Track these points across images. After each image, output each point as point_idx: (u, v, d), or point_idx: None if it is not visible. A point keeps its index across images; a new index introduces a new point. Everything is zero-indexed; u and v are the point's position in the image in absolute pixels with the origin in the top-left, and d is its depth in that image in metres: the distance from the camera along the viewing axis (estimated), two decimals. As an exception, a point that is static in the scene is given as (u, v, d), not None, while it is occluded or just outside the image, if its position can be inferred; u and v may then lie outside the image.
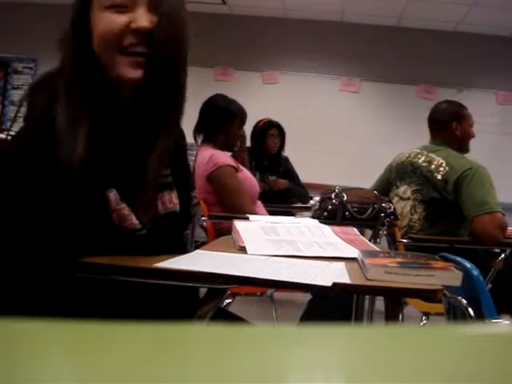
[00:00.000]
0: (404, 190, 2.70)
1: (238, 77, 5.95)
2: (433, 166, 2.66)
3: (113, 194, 1.03)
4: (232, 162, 2.64)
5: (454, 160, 2.61)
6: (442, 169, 2.61)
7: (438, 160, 2.67)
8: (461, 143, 2.75)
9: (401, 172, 2.78)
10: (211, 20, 5.71)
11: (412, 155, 2.77)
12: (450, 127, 2.74)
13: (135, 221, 1.05)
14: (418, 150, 2.77)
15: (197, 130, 2.76)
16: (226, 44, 5.87)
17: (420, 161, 2.73)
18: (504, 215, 2.47)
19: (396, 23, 5.79)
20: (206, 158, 2.62)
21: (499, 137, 5.76)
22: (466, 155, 2.74)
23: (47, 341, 0.24)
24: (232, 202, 2.57)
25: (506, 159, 5.69)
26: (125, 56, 1.00)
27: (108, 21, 0.99)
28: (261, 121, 3.90)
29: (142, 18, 0.99)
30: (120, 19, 0.99)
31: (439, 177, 2.60)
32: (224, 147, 2.76)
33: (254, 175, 3.47)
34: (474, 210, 2.45)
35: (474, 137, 2.82)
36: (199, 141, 2.76)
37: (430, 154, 2.72)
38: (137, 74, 1.00)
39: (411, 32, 5.81)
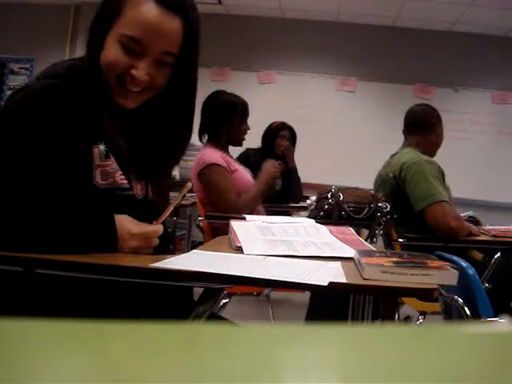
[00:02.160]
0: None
1: (235, 77, 5.94)
2: (389, 168, 2.68)
3: (97, 150, 1.07)
4: (221, 161, 2.60)
5: (403, 156, 2.62)
6: (393, 168, 2.63)
7: (392, 159, 2.70)
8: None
9: None
10: (207, 20, 5.62)
11: None
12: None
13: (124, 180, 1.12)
14: None
15: (201, 131, 2.75)
16: (222, 44, 5.85)
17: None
18: (451, 205, 2.47)
19: (392, 23, 5.80)
20: (198, 157, 2.64)
21: (495, 136, 5.77)
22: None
23: (46, 340, 0.24)
24: (218, 200, 2.56)
25: (503, 159, 5.70)
26: (119, 87, 1.11)
27: (116, 56, 1.08)
28: (274, 122, 3.91)
29: (143, 69, 1.08)
30: (125, 60, 1.08)
31: (390, 174, 2.62)
32: (229, 143, 2.77)
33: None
34: (419, 204, 2.46)
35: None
36: (204, 140, 2.76)
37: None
38: (128, 103, 1.13)
39: (407, 32, 5.82)
